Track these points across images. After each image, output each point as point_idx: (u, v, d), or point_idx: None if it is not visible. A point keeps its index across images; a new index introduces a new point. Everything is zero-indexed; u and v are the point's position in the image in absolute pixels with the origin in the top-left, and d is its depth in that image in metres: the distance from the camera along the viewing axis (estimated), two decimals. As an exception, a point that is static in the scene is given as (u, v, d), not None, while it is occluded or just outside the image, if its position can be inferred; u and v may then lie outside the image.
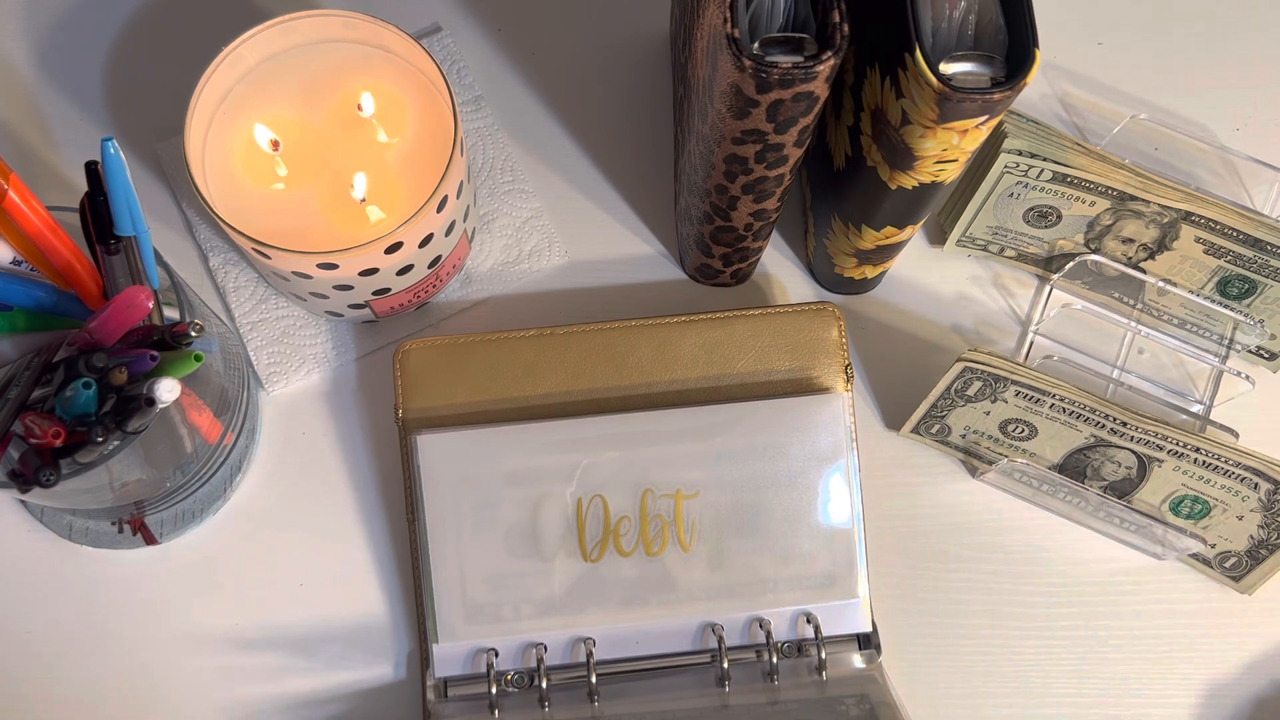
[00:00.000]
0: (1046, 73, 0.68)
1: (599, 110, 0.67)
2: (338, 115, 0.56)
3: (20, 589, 0.59)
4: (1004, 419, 0.58)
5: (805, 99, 0.44)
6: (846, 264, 0.60)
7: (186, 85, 0.53)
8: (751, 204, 0.53)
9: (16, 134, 0.65)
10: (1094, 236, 0.61)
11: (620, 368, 0.58)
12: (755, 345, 0.59)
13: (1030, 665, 0.60)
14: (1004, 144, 0.57)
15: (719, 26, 0.43)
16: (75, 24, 0.67)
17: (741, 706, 0.54)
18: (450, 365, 0.58)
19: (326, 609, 0.59)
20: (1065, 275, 0.63)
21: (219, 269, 0.63)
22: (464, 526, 0.56)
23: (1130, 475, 0.59)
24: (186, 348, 0.45)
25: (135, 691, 0.58)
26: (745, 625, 0.56)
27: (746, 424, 0.57)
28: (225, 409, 0.55)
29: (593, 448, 0.56)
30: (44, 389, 0.46)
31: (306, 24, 0.55)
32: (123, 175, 0.45)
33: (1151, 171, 0.58)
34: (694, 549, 0.56)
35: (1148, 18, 0.70)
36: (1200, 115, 0.68)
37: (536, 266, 0.64)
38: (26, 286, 0.48)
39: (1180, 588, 0.61)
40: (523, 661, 0.56)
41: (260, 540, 0.60)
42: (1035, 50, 0.43)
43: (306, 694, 0.58)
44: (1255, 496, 0.57)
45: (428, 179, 0.54)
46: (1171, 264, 0.61)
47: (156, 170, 0.64)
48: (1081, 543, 0.61)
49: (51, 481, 0.43)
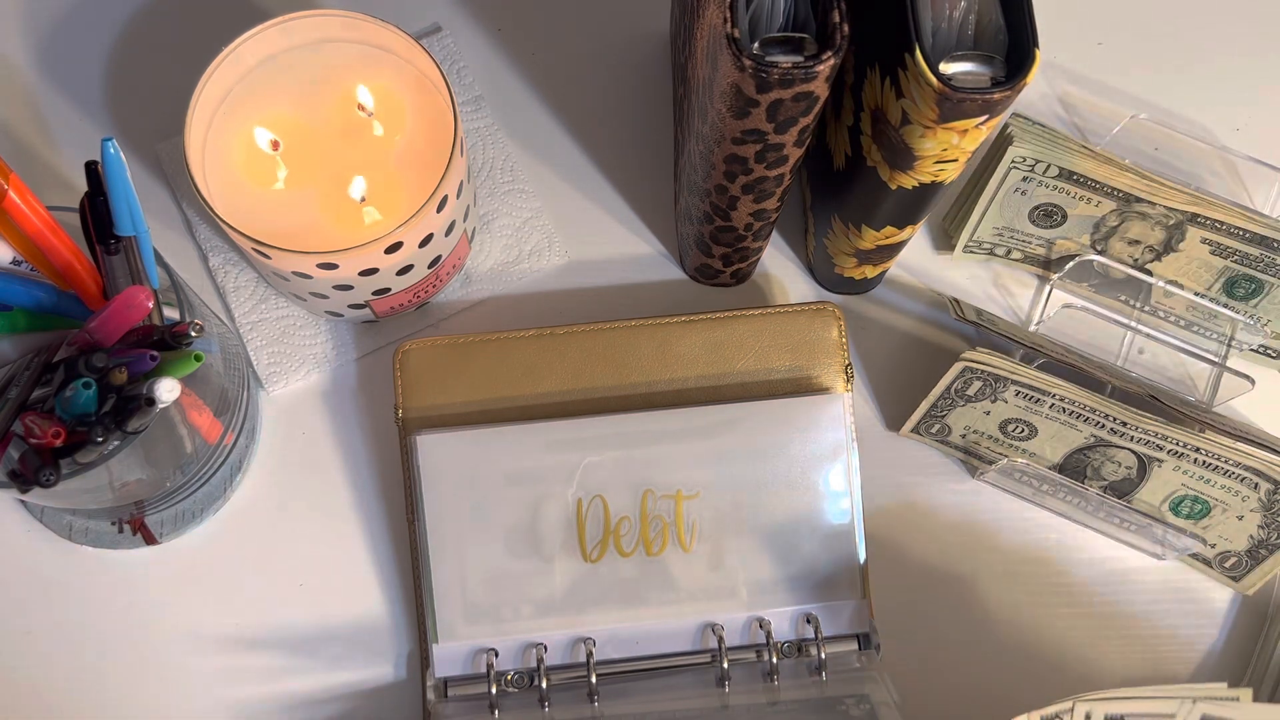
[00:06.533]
0: (1046, 73, 0.68)
1: (599, 110, 0.67)
2: (338, 115, 0.56)
3: (20, 589, 0.59)
4: (1004, 419, 0.58)
5: (805, 99, 0.44)
6: (846, 264, 0.60)
7: (186, 85, 0.53)
8: (751, 204, 0.53)
9: (16, 134, 0.65)
10: (1100, 238, 0.61)
11: (620, 368, 0.58)
12: (755, 345, 0.59)
13: (1030, 665, 0.60)
14: (1010, 149, 0.57)
15: (719, 26, 0.43)
16: (75, 24, 0.67)
17: (741, 706, 0.54)
18: (450, 365, 0.58)
19: (326, 609, 0.59)
20: (1069, 276, 0.63)
21: (219, 269, 0.63)
22: (464, 526, 0.56)
23: (1130, 475, 0.59)
24: (186, 348, 0.45)
25: (135, 691, 0.58)
26: (745, 625, 0.56)
27: (747, 424, 0.57)
28: (225, 409, 0.55)
29: (593, 448, 0.56)
30: (44, 389, 0.46)
31: (306, 24, 0.55)
32: (123, 175, 0.45)
33: (1156, 173, 0.58)
34: (694, 549, 0.56)
35: (1148, 18, 0.70)
36: (1200, 115, 0.68)
37: (536, 266, 0.64)
38: (26, 286, 0.48)
39: (1180, 588, 0.61)
40: (523, 661, 0.56)
41: (260, 540, 0.60)
42: (1035, 50, 0.43)
43: (307, 694, 0.58)
44: (1255, 496, 0.57)
45: (428, 179, 0.54)
46: (1178, 265, 0.61)
47: (156, 170, 0.64)
48: (1081, 543, 0.61)
49: (51, 481, 0.43)
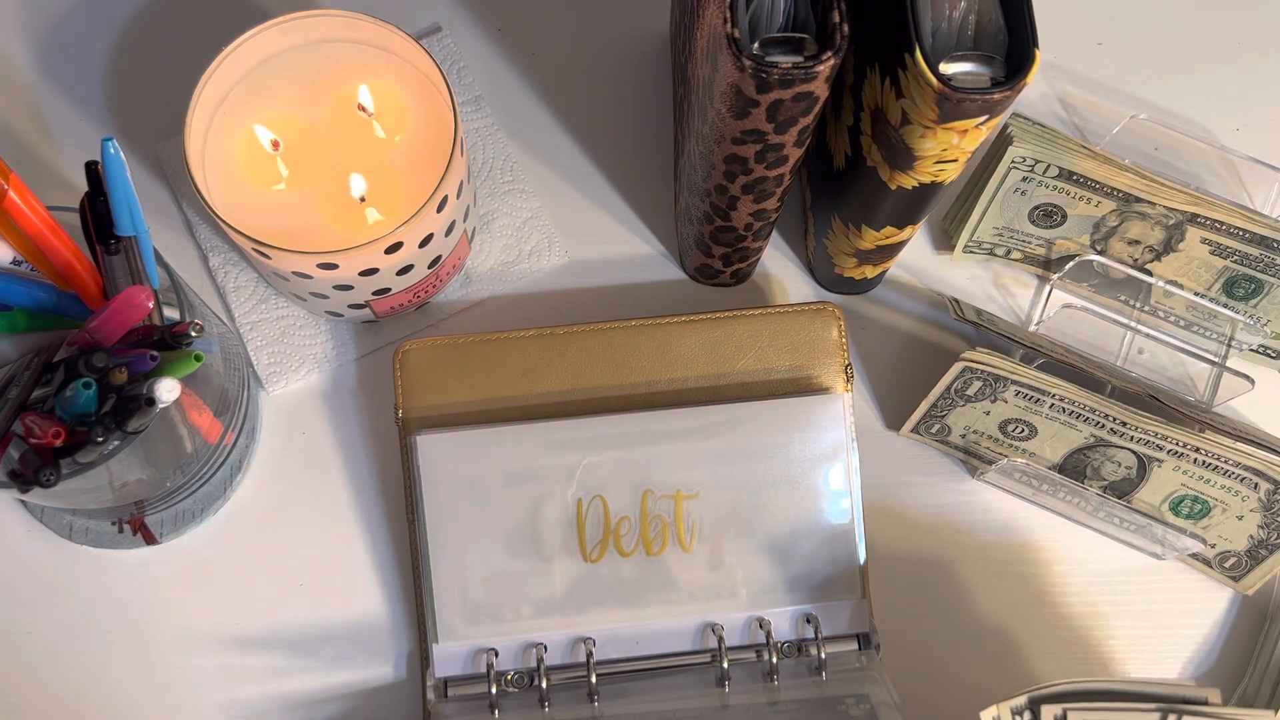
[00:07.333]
0: (1046, 73, 0.68)
1: (599, 110, 0.67)
2: (338, 115, 0.56)
3: (20, 589, 0.59)
4: (1004, 419, 0.58)
5: (805, 99, 0.44)
6: (846, 264, 0.60)
7: (186, 85, 0.53)
8: (751, 204, 0.53)
9: (16, 134, 0.65)
10: (1099, 238, 0.61)
11: (620, 368, 0.58)
12: (755, 345, 0.59)
13: (1030, 665, 0.60)
14: (1010, 149, 0.57)
15: (719, 26, 0.43)
16: (75, 24, 0.67)
17: (741, 706, 0.54)
18: (450, 365, 0.58)
19: (326, 609, 0.59)
20: (1069, 276, 0.63)
21: (219, 269, 0.63)
22: (464, 526, 0.56)
23: (1130, 475, 0.59)
24: (186, 348, 0.45)
25: (135, 691, 0.58)
26: (745, 625, 0.56)
27: (747, 424, 0.57)
28: (225, 409, 0.55)
29: (593, 448, 0.56)
30: (44, 389, 0.46)
31: (306, 24, 0.55)
32: (123, 175, 0.45)
33: (1156, 173, 0.58)
34: (694, 549, 0.56)
35: (1148, 18, 0.70)
36: (1200, 115, 0.68)
37: (536, 266, 0.64)
38: (26, 286, 0.48)
39: (1180, 588, 0.61)
40: (523, 661, 0.56)
41: (260, 540, 0.60)
42: (1035, 50, 0.43)
43: (306, 694, 0.58)
44: (1255, 496, 0.57)
45: (428, 179, 0.54)
46: (1178, 265, 0.61)
47: (156, 170, 0.64)
48: (1081, 543, 0.61)
49: (51, 481, 0.43)
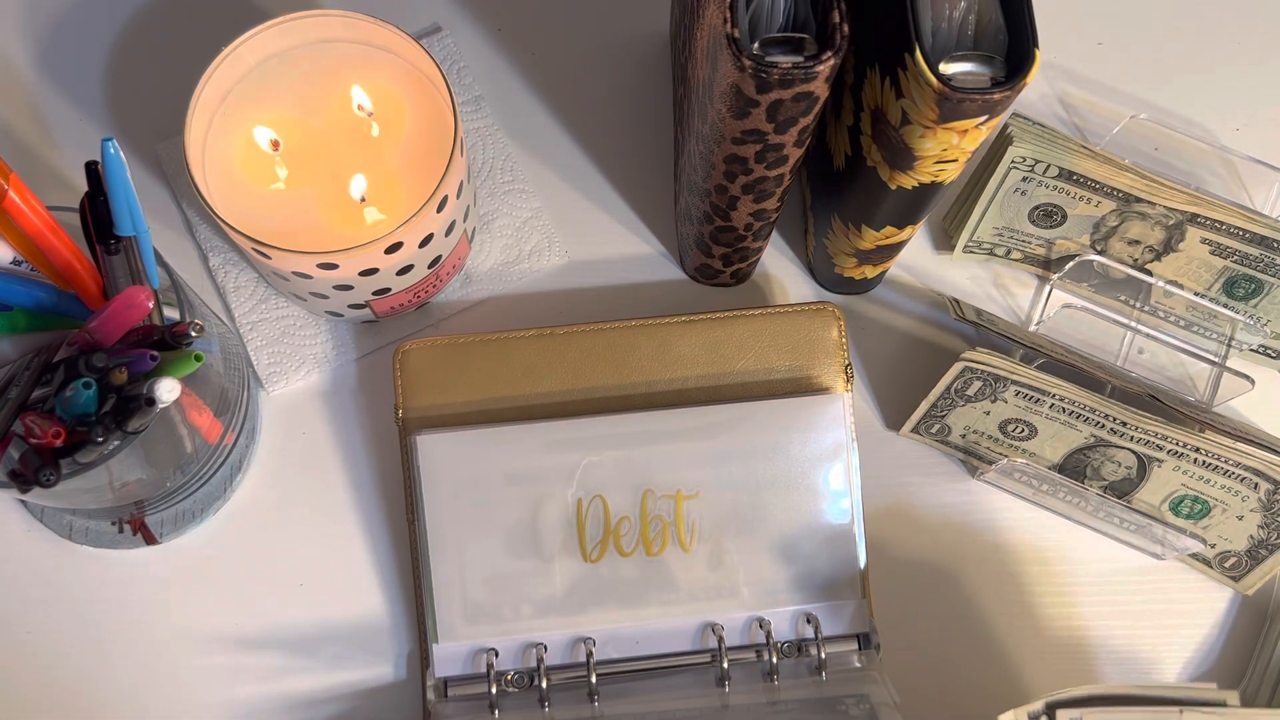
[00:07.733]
0: (1046, 73, 0.68)
1: (599, 110, 0.67)
2: (338, 115, 0.56)
3: (20, 589, 0.59)
4: (1004, 419, 0.58)
5: (805, 99, 0.44)
6: (846, 264, 0.60)
7: (186, 85, 0.53)
8: (751, 204, 0.53)
9: (16, 134, 0.65)
10: (1100, 238, 0.61)
11: (620, 368, 0.58)
12: (755, 345, 0.59)
13: (1029, 665, 0.60)
14: (1010, 149, 0.57)
15: (719, 26, 0.43)
16: (75, 24, 0.67)
17: (741, 706, 0.54)
18: (450, 365, 0.58)
19: (326, 609, 0.59)
20: (1069, 276, 0.63)
21: (219, 269, 0.63)
22: (464, 526, 0.56)
23: (1130, 475, 0.59)
24: (186, 348, 0.45)
25: (135, 691, 0.58)
26: (745, 625, 0.56)
27: (747, 424, 0.57)
28: (225, 409, 0.55)
29: (593, 448, 0.56)
30: (44, 389, 0.46)
31: (306, 24, 0.55)
32: (123, 175, 0.45)
33: (1156, 173, 0.58)
34: (694, 549, 0.56)
35: (1148, 18, 0.70)
36: (1200, 115, 0.68)
37: (536, 266, 0.64)
38: (26, 286, 0.48)
39: (1180, 588, 0.61)
40: (523, 661, 0.56)
41: (260, 540, 0.60)
42: (1035, 50, 0.43)
43: (307, 694, 0.58)
44: (1255, 496, 0.57)
45: (428, 179, 0.54)
46: (1178, 265, 0.61)
47: (156, 170, 0.64)
48: (1081, 543, 0.61)
49: (51, 481, 0.43)
